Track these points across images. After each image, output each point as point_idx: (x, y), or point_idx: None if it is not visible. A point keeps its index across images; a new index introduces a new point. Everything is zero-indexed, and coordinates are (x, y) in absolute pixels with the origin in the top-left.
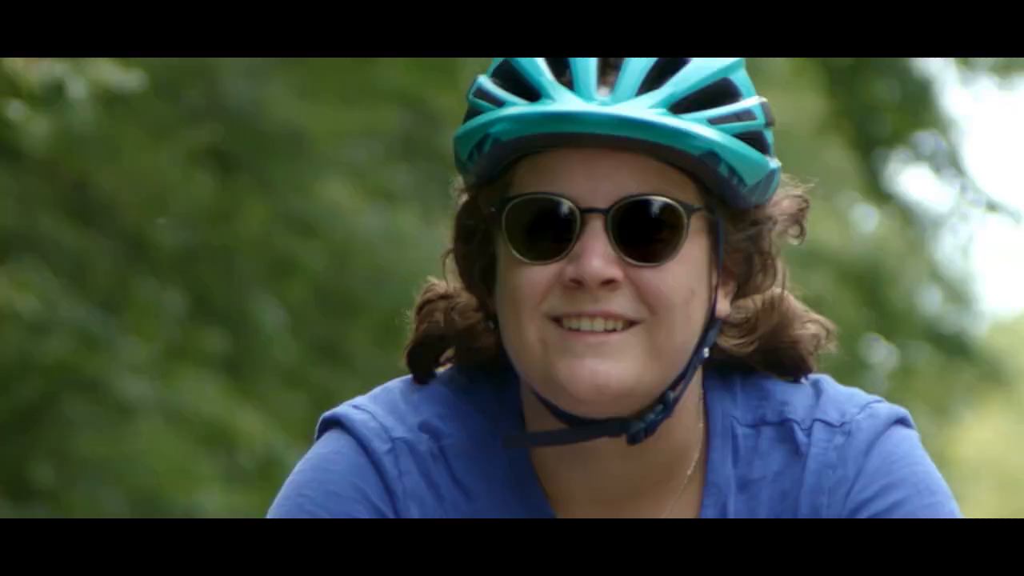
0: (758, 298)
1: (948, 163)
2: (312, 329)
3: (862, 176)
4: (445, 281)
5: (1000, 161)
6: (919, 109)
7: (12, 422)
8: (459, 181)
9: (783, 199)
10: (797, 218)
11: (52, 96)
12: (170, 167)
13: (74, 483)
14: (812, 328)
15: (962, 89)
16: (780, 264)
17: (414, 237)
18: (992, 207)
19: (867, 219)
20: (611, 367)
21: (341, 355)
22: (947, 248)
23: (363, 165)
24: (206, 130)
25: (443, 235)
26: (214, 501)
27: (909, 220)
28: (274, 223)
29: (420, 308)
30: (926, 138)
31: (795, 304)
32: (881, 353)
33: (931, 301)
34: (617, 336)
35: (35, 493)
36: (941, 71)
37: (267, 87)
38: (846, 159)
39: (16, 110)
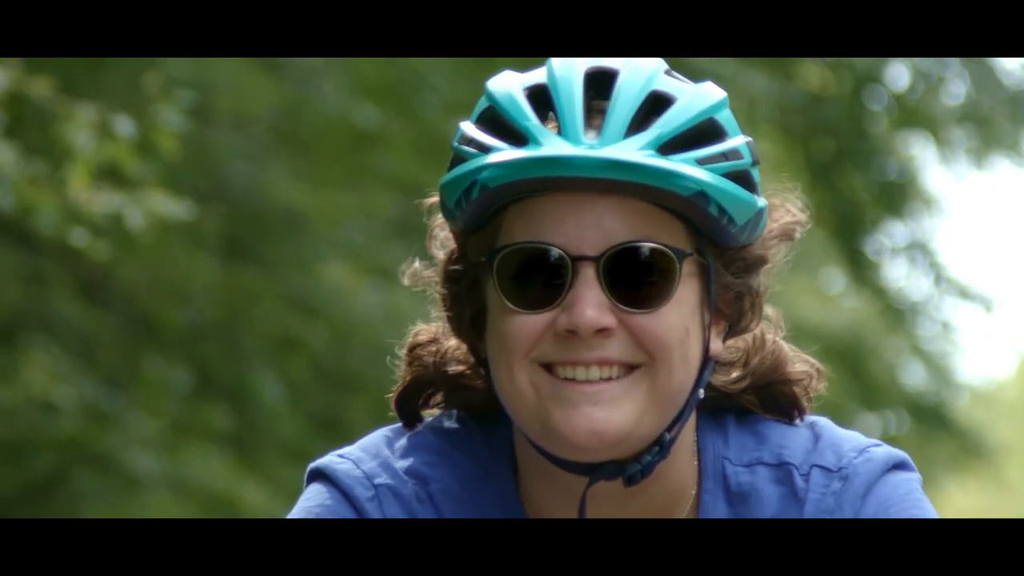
0: (749, 336)
1: (922, 255)
2: (313, 405)
3: (845, 264)
4: (432, 325)
5: (976, 244)
6: (895, 200)
7: (26, 494)
8: (436, 228)
9: (772, 229)
10: (789, 235)
11: (112, 225)
12: (177, 250)
13: None
14: (802, 367)
15: (941, 168)
16: (775, 312)
17: (411, 316)
18: (965, 295)
19: (849, 296)
20: (609, 414)
21: (341, 429)
22: (927, 327)
23: (359, 244)
24: (210, 213)
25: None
26: None
27: (889, 304)
28: (277, 304)
29: (410, 352)
30: (901, 230)
31: (785, 346)
32: (864, 424)
33: (913, 375)
34: (615, 384)
35: None
36: (921, 152)
37: (268, 171)
38: (830, 247)
39: (79, 236)
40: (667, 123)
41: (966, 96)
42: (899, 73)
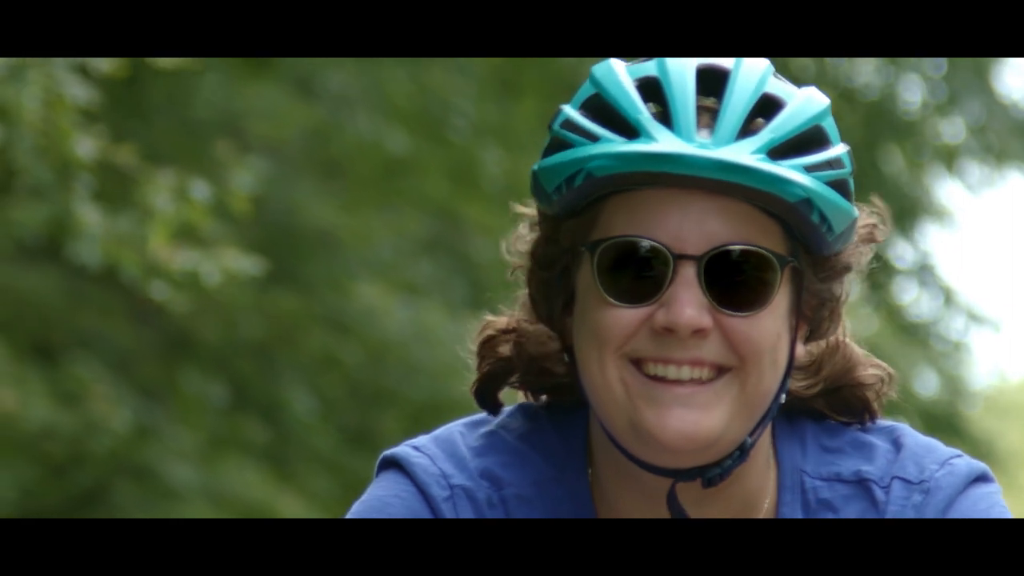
0: (822, 340)
1: (932, 277)
2: (347, 419)
3: (861, 282)
4: (502, 315)
5: (986, 256)
6: (907, 217)
7: (68, 506)
8: (523, 211)
9: (859, 235)
10: (871, 238)
11: (189, 280)
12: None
13: None
14: (874, 371)
15: (953, 183)
16: (842, 311)
17: (441, 336)
18: (974, 317)
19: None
20: (700, 417)
21: (374, 443)
22: (938, 344)
23: (389, 263)
24: (247, 235)
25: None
26: None
27: (903, 325)
28: (312, 322)
29: (483, 344)
30: (911, 252)
31: (857, 348)
32: None
33: (925, 384)
34: (707, 387)
35: None
36: (933, 171)
37: (302, 194)
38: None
39: (160, 290)
40: (778, 128)
41: (974, 123)
42: (909, 98)
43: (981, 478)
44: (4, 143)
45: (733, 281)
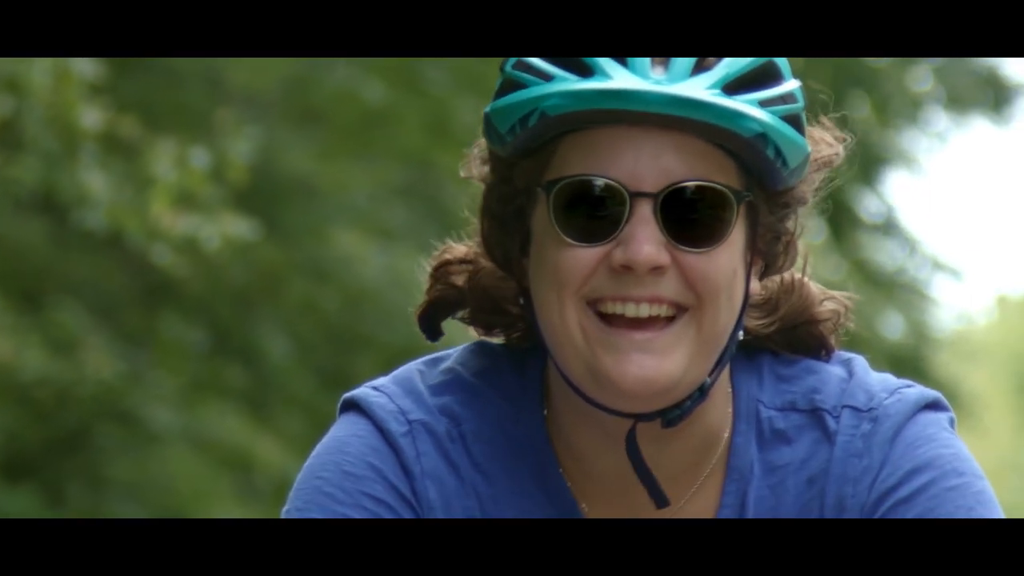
0: (778, 279)
1: (896, 229)
2: (324, 364)
3: (828, 234)
4: (464, 244)
5: (951, 211)
6: (872, 165)
7: (53, 448)
8: (475, 153)
9: (811, 164)
10: (827, 163)
11: (190, 244)
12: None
13: (106, 502)
14: (831, 306)
15: (919, 131)
16: (802, 247)
17: (415, 281)
18: (938, 266)
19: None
20: (659, 362)
21: (349, 387)
22: (904, 293)
23: (365, 208)
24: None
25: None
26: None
27: (869, 276)
28: (291, 269)
29: (437, 268)
30: (877, 203)
31: (813, 285)
32: None
33: (891, 327)
34: (665, 332)
35: (71, 511)
36: (900, 126)
37: (281, 143)
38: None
39: (161, 253)
40: (732, 64)
41: (938, 73)
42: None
43: (932, 405)
44: (14, 114)
45: (690, 218)
